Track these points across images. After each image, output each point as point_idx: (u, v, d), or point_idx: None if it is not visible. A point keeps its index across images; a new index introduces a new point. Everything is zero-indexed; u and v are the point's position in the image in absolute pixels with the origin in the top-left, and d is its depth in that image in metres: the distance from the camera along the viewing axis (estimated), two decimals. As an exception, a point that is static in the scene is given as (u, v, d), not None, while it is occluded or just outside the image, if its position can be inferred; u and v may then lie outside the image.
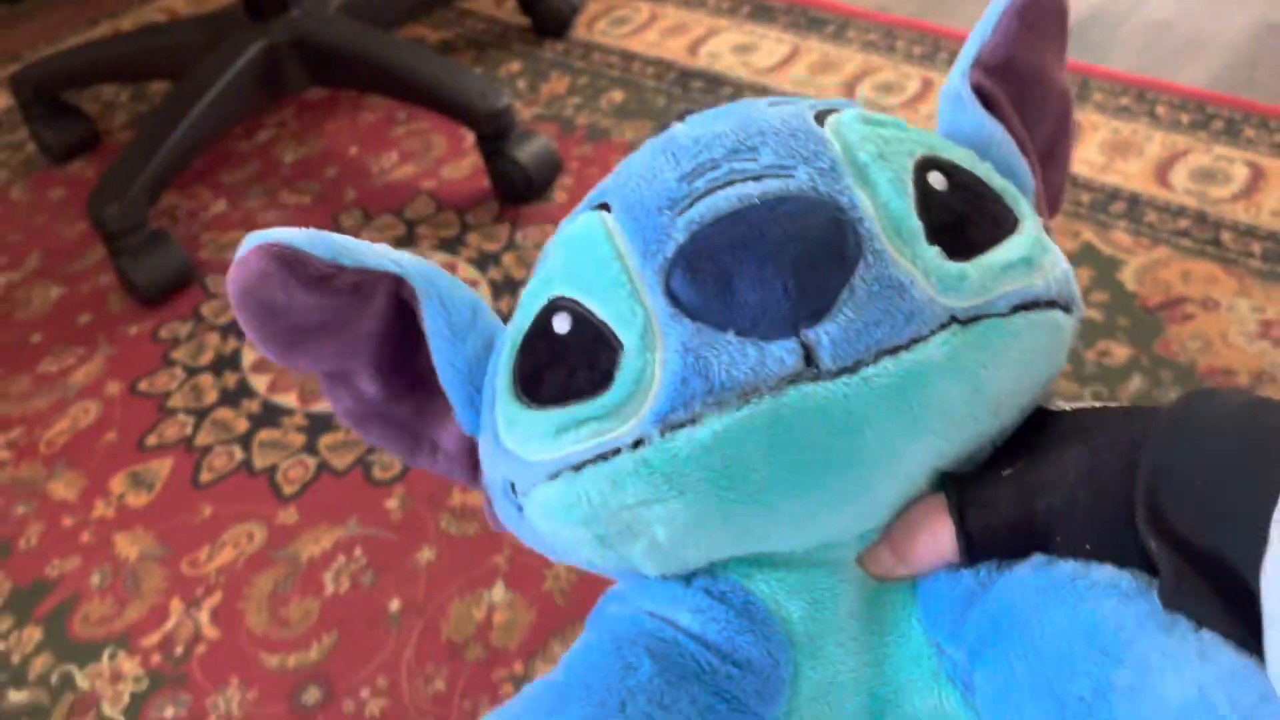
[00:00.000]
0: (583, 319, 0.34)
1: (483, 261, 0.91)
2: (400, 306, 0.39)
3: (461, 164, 1.03)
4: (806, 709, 0.36)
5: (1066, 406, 0.37)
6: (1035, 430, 0.36)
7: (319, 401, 0.81)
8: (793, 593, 0.36)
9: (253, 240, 0.36)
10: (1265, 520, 0.27)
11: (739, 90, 1.07)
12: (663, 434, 0.32)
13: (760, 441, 0.31)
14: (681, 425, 0.32)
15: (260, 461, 0.77)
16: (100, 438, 0.82)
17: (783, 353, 0.31)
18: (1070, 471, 0.33)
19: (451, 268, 0.91)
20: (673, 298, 0.32)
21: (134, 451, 0.80)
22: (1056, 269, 0.35)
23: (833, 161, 0.34)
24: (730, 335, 0.31)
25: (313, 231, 0.37)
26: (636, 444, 0.32)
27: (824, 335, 0.31)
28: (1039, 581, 0.33)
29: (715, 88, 1.08)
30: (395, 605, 0.66)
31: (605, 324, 0.33)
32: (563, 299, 0.35)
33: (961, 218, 0.34)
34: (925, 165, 0.35)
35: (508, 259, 0.91)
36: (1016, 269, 0.34)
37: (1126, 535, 0.32)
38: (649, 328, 0.33)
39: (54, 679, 0.65)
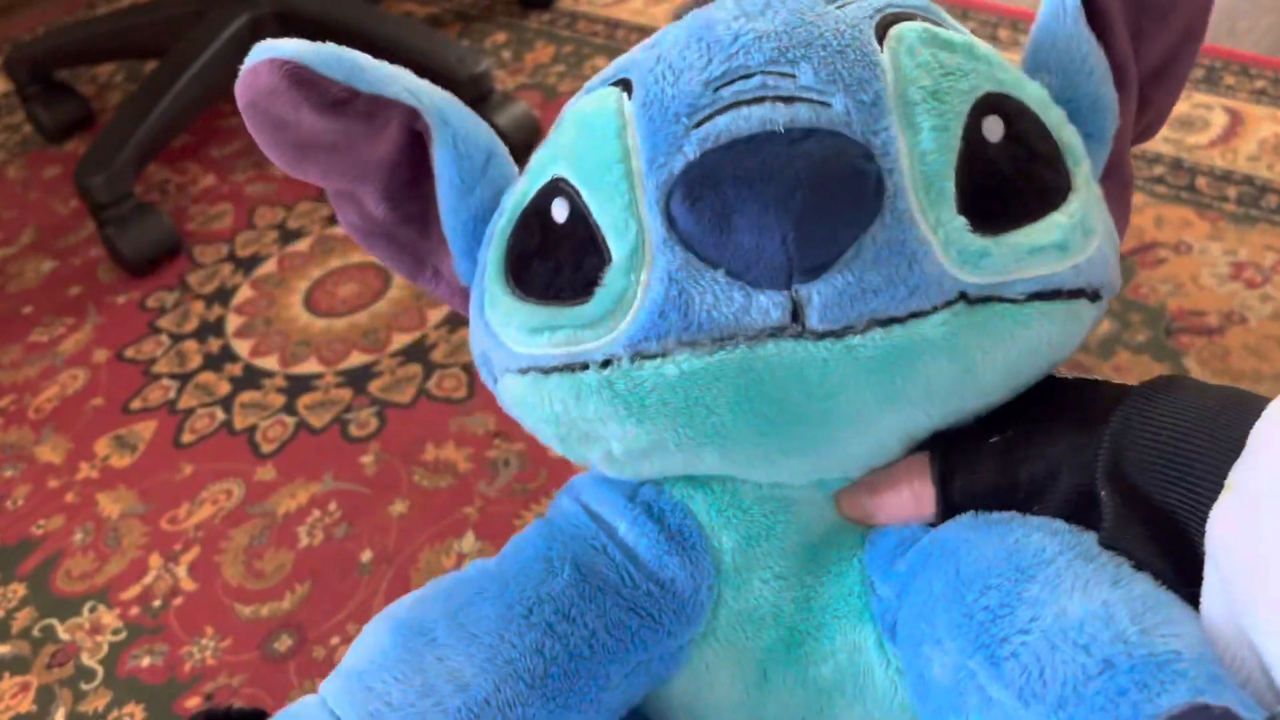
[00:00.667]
0: (579, 214, 0.32)
1: (463, 226, 0.92)
2: (413, 136, 0.37)
3: (445, 132, 1.04)
4: (724, 633, 0.36)
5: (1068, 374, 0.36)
6: (1029, 397, 0.35)
7: (299, 364, 0.82)
8: (729, 524, 0.36)
9: (264, 51, 0.34)
10: (1221, 474, 0.28)
11: (722, 54, 1.07)
12: (632, 360, 0.31)
13: (727, 389, 0.31)
14: (652, 356, 0.31)
15: (240, 422, 0.78)
16: (87, 403, 0.83)
17: (770, 304, 0.29)
18: (1057, 444, 0.32)
19: (433, 233, 0.92)
20: (670, 219, 0.30)
21: (119, 415, 0.81)
22: (1097, 251, 0.32)
23: (877, 94, 0.31)
24: (720, 274, 0.30)
25: (329, 48, 0.34)
26: (605, 363, 0.32)
27: (816, 294, 0.29)
28: (975, 520, 0.33)
29: (698, 52, 1.08)
30: (367, 555, 0.67)
31: (599, 227, 0.32)
32: (566, 182, 0.33)
33: (1005, 183, 0.31)
34: (986, 106, 0.32)
35: (488, 223, 0.92)
36: (1047, 254, 0.31)
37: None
38: (640, 245, 0.31)
39: (36, 632, 0.67)
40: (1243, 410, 0.29)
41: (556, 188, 0.33)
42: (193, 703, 0.61)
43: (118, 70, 1.28)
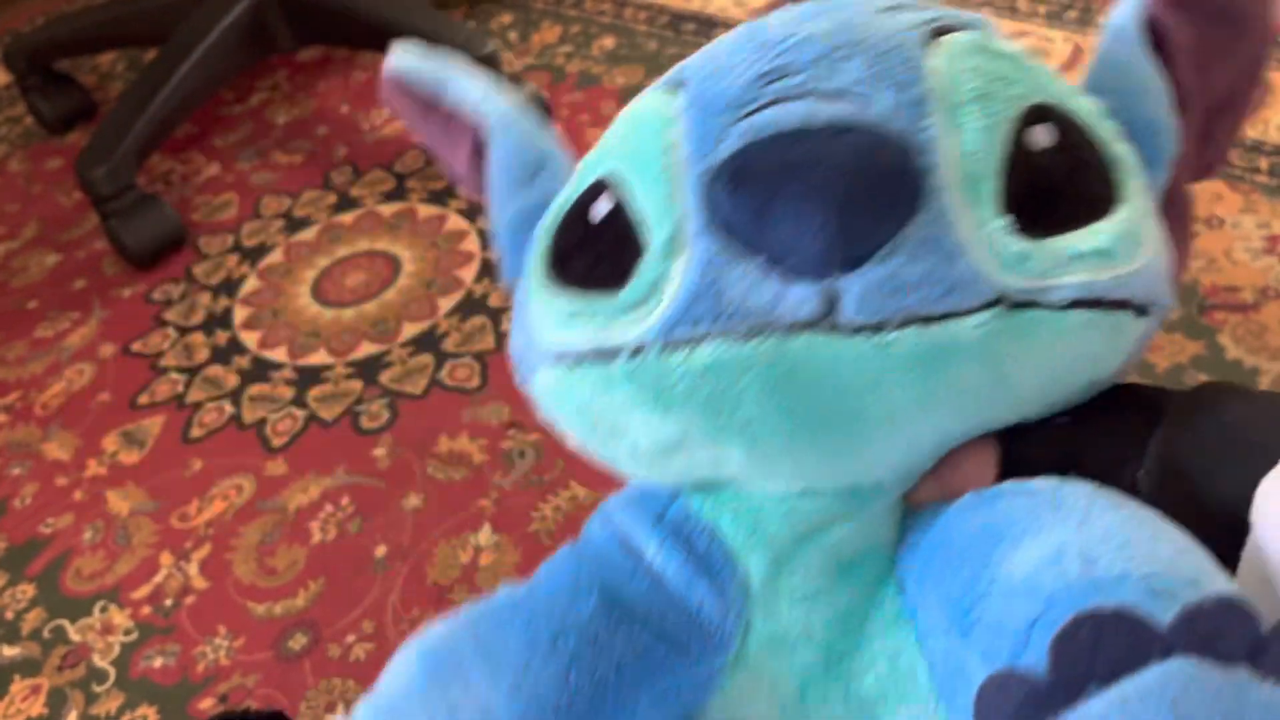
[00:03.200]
0: (620, 206, 0.33)
1: (472, 211, 0.90)
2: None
3: (452, 117, 1.02)
4: (755, 659, 0.35)
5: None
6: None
7: (308, 355, 0.81)
8: (755, 547, 0.35)
9: (389, 58, 0.42)
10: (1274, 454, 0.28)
11: (733, 31, 1.05)
12: (663, 348, 0.31)
13: (756, 381, 0.30)
14: (683, 344, 0.30)
15: (250, 415, 0.77)
16: (93, 398, 0.82)
17: (804, 296, 0.29)
18: (1121, 433, 0.32)
19: (441, 219, 0.90)
20: (711, 206, 0.30)
21: (126, 410, 0.80)
22: (1145, 265, 0.31)
23: (923, 94, 0.30)
24: (756, 263, 0.29)
25: (430, 65, 0.42)
26: (636, 351, 0.31)
27: (852, 287, 0.29)
28: (973, 498, 0.32)
29: (708, 30, 1.06)
30: (382, 551, 0.65)
31: (639, 216, 0.32)
32: (610, 178, 0.34)
33: (1051, 188, 0.31)
34: (1035, 115, 0.31)
35: (497, 208, 0.90)
36: (1089, 260, 0.30)
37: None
38: (679, 232, 0.31)
39: (46, 633, 0.66)
40: None
41: (601, 185, 0.34)
42: (207, 704, 0.60)
43: (119, 59, 1.26)
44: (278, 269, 0.90)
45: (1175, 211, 0.36)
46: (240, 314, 0.86)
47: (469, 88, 0.41)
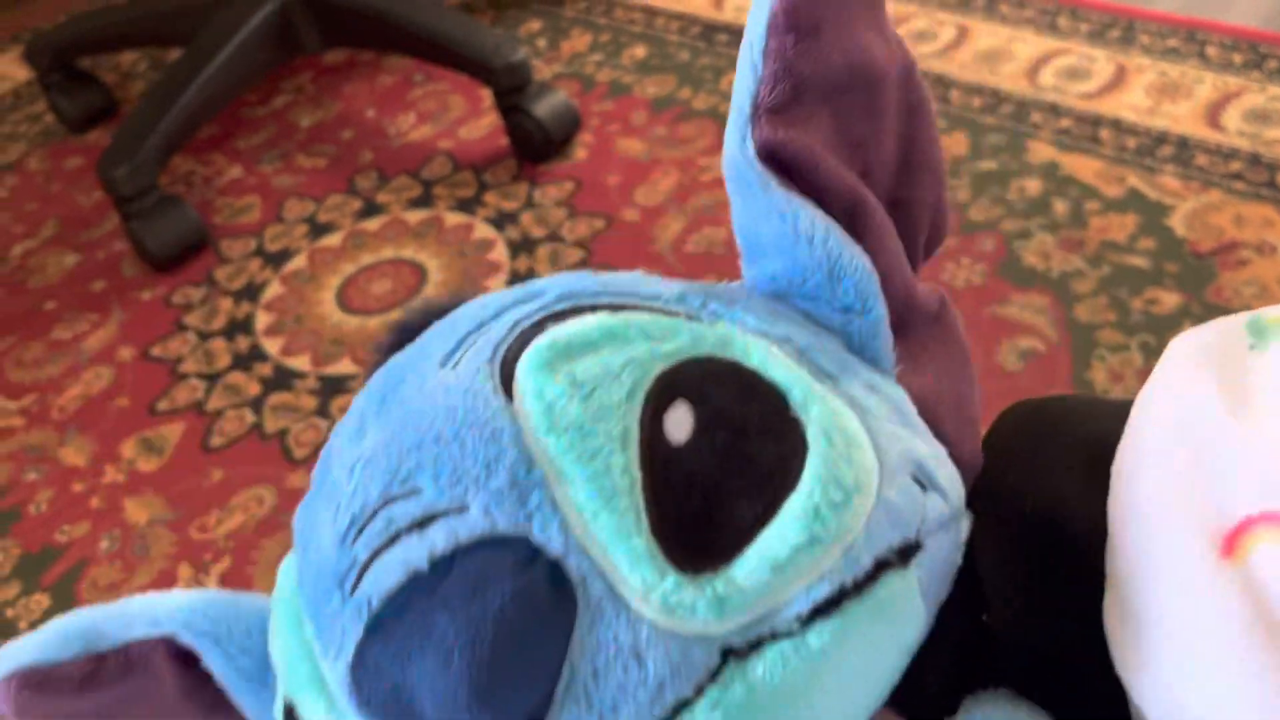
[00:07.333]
0: None
1: (500, 220, 0.89)
2: (189, 656, 0.32)
3: (480, 124, 1.00)
4: None
5: None
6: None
7: (331, 364, 0.79)
8: None
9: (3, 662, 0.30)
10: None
11: (765, 43, 1.03)
12: None
13: None
14: None
15: (271, 425, 0.75)
16: (111, 403, 0.80)
17: None
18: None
19: (469, 228, 0.89)
20: (363, 712, 0.26)
21: (145, 416, 0.78)
22: (878, 509, 0.25)
23: (513, 469, 0.24)
24: None
25: (56, 628, 0.30)
26: None
27: None
28: None
29: (740, 41, 1.04)
30: (407, 569, 0.63)
31: None
32: (289, 698, 0.28)
33: (712, 491, 0.24)
34: (662, 393, 0.25)
35: (526, 218, 0.88)
36: (797, 562, 0.24)
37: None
38: None
39: (60, 645, 0.64)
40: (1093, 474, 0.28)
41: (287, 709, 0.29)
42: (225, 724, 0.58)
43: (141, 58, 1.25)
44: (301, 275, 0.88)
45: (922, 316, 0.31)
46: (262, 320, 0.85)
47: (131, 610, 0.32)
